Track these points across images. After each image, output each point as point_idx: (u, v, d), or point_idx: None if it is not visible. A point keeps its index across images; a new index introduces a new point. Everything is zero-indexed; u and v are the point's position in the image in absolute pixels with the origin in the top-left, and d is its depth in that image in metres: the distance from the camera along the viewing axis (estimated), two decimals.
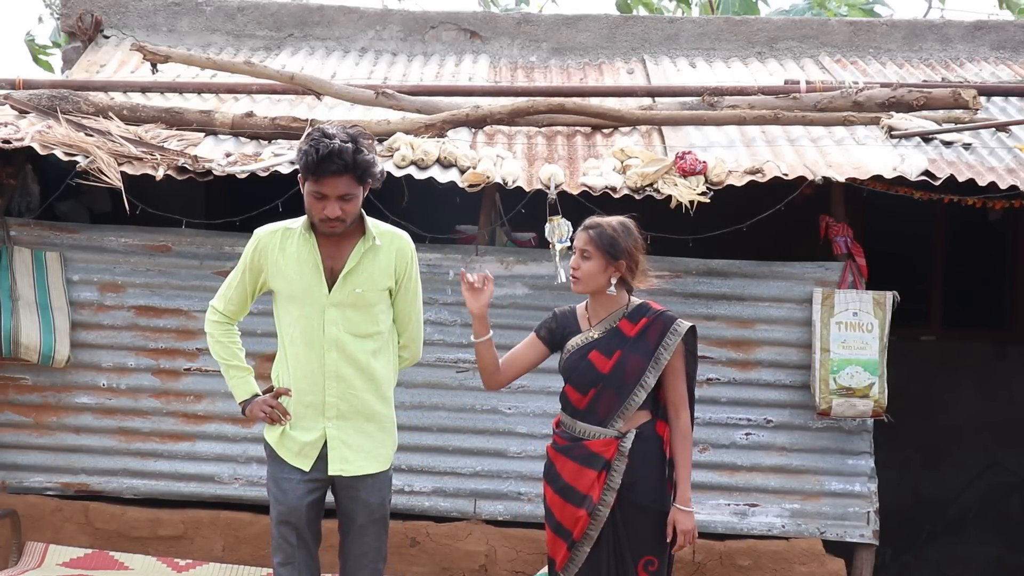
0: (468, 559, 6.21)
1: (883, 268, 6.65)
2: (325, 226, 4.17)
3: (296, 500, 4.28)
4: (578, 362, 4.45)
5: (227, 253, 6.36)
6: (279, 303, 4.35)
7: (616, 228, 4.44)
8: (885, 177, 6.00)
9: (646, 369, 4.38)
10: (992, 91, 7.41)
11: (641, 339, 4.41)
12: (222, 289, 4.46)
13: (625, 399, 4.38)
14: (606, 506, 4.36)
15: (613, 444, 4.37)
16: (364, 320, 4.29)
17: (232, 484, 6.34)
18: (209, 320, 4.46)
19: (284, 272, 4.28)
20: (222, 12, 8.44)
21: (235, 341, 4.45)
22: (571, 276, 4.48)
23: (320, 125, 4.25)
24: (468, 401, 6.32)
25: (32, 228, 6.44)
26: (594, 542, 4.37)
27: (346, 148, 4.05)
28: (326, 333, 4.24)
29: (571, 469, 4.41)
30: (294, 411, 4.29)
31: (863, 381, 6.04)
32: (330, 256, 4.26)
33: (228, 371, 4.43)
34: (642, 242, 4.50)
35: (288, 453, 4.31)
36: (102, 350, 6.40)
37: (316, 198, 4.12)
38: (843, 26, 8.60)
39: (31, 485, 6.36)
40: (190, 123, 6.56)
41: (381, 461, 4.35)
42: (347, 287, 4.25)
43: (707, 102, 6.94)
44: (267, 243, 4.31)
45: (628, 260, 4.43)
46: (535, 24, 8.56)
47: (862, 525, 6.21)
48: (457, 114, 6.63)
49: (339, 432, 4.28)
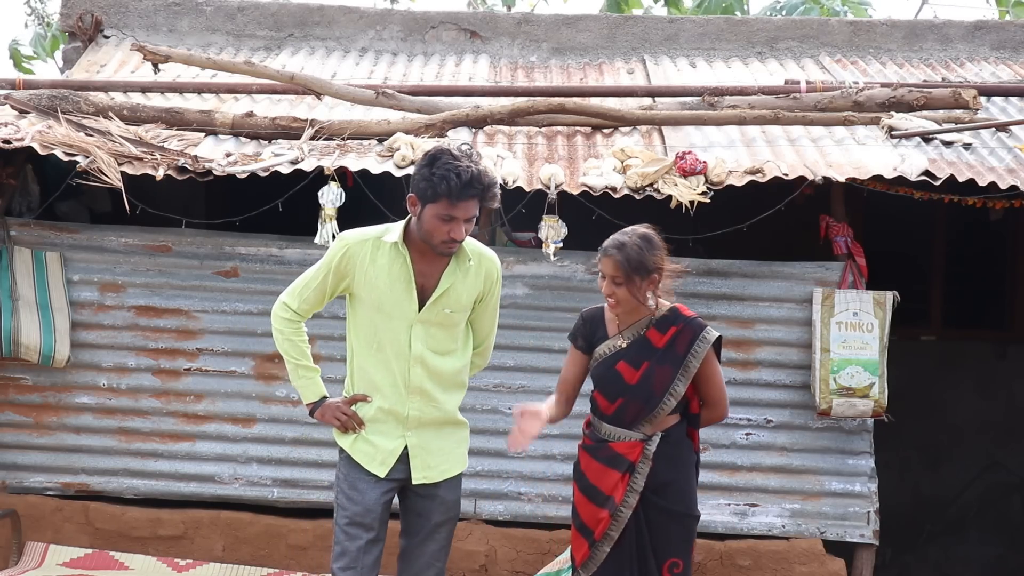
0: (468, 559, 6.21)
1: (883, 268, 6.65)
2: (445, 248, 4.14)
3: (373, 501, 4.25)
4: (606, 372, 4.46)
5: (227, 253, 6.36)
6: (360, 310, 4.29)
7: (641, 245, 4.39)
8: (885, 177, 6.00)
9: (675, 378, 4.40)
10: (992, 91, 7.41)
11: (670, 349, 4.41)
12: (296, 287, 4.37)
13: (653, 408, 4.40)
14: (628, 508, 4.38)
15: (638, 447, 4.39)
16: (447, 338, 4.29)
17: (232, 484, 6.34)
18: (280, 316, 4.36)
19: (374, 283, 4.23)
20: (222, 12, 8.44)
21: (304, 340, 4.38)
22: (607, 301, 4.45)
23: (440, 145, 4.22)
24: (468, 401, 6.21)
25: (32, 228, 6.44)
26: (615, 543, 4.39)
27: (483, 172, 4.08)
28: (412, 349, 4.22)
29: (596, 469, 4.44)
30: (373, 417, 4.27)
31: (863, 381, 6.04)
32: (422, 273, 4.22)
33: (297, 370, 4.36)
34: (664, 247, 4.48)
35: (364, 458, 4.28)
36: (102, 350, 6.40)
37: (444, 220, 4.07)
38: (843, 26, 8.61)
39: (31, 485, 6.35)
40: (190, 123, 6.56)
41: (462, 461, 4.40)
42: (438, 307, 4.23)
43: (707, 102, 6.93)
44: (357, 251, 4.25)
45: (659, 272, 4.42)
46: (535, 24, 8.56)
47: (862, 525, 6.21)
48: (457, 114, 6.63)
49: (419, 440, 4.27)
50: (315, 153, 6.22)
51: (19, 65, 13.93)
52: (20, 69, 13.91)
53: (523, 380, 6.29)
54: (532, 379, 6.25)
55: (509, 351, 6.28)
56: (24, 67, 13.89)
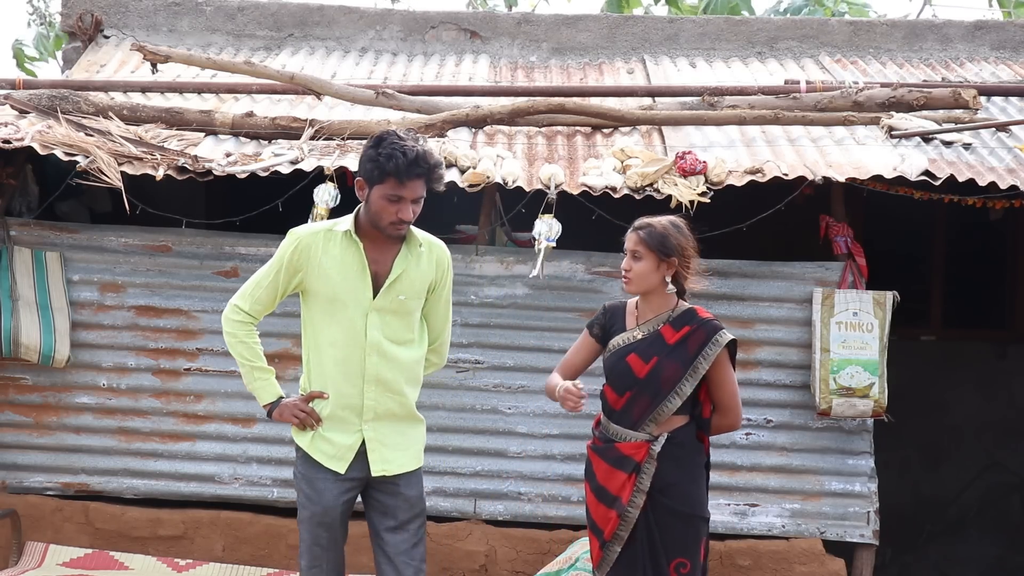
0: (468, 559, 6.21)
1: (883, 268, 6.65)
2: (394, 229, 4.18)
3: (332, 500, 4.27)
4: (616, 363, 4.47)
5: (227, 253, 6.36)
6: (314, 304, 4.31)
7: (667, 226, 4.44)
8: (885, 177, 6.00)
9: (683, 377, 4.39)
10: (992, 91, 7.41)
11: (680, 347, 4.41)
12: (248, 288, 4.38)
13: (659, 405, 4.39)
14: (636, 508, 4.38)
15: (644, 447, 4.39)
16: (402, 327, 4.30)
17: (232, 484, 6.34)
18: (230, 319, 4.39)
19: (328, 274, 4.25)
20: (222, 12, 8.44)
21: (257, 341, 4.40)
22: (623, 277, 4.47)
23: (386, 128, 4.25)
24: (468, 401, 6.32)
25: (32, 228, 6.44)
26: (625, 543, 4.40)
27: (428, 151, 4.13)
28: (368, 337, 4.24)
29: (604, 470, 4.45)
30: (330, 414, 4.28)
31: (863, 381, 6.04)
32: (375, 260, 4.25)
33: (252, 372, 4.38)
34: (695, 241, 4.49)
35: (323, 456, 4.29)
36: (102, 350, 6.40)
37: (392, 201, 4.12)
38: (843, 26, 8.61)
39: (31, 485, 6.36)
40: (190, 123, 6.56)
41: (418, 458, 4.40)
42: (392, 293, 4.25)
43: (707, 102, 6.94)
44: (309, 243, 4.27)
45: (680, 258, 4.43)
46: (535, 24, 8.56)
47: (862, 525, 6.21)
48: (457, 114, 6.63)
49: (376, 433, 4.28)
50: (315, 153, 6.22)
51: (22, 65, 13.92)
52: (23, 69, 13.91)
53: (523, 380, 6.29)
54: (532, 379, 6.24)
55: (509, 351, 6.28)
56: (27, 68, 13.88)
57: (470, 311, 6.22)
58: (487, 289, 6.32)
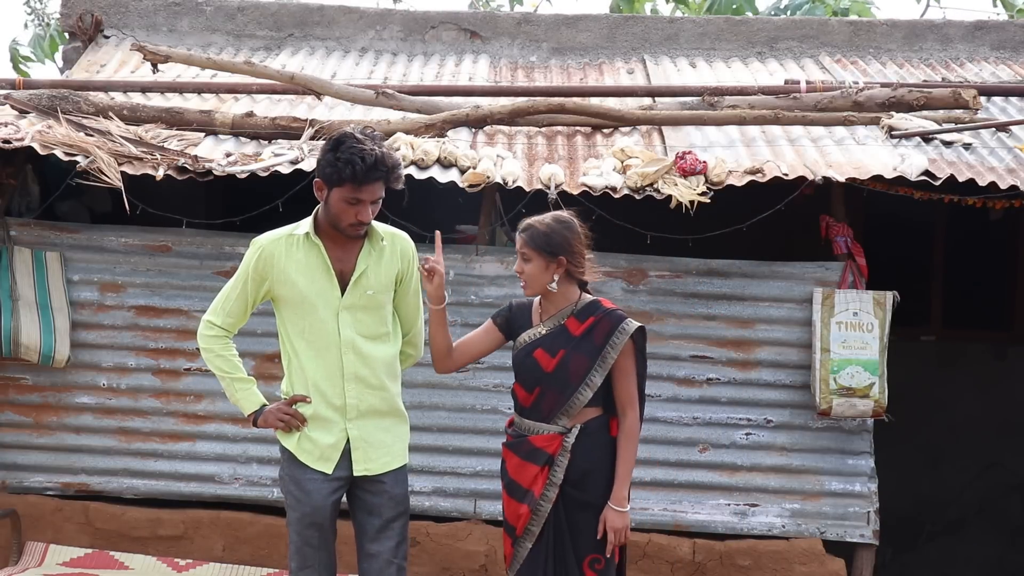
0: (468, 559, 6.21)
1: (883, 268, 6.65)
2: (353, 230, 4.22)
3: (321, 500, 4.29)
4: (524, 359, 4.46)
5: (227, 253, 6.36)
6: (285, 310, 4.34)
7: (550, 224, 4.42)
8: (885, 177, 6.00)
9: (592, 368, 4.36)
10: (992, 91, 7.41)
11: (587, 338, 4.39)
12: (218, 303, 4.42)
13: (569, 398, 4.37)
14: (548, 501, 4.35)
15: (557, 440, 4.37)
16: (374, 321, 4.33)
17: (232, 484, 6.34)
18: (205, 336, 4.40)
19: (292, 279, 4.28)
20: (222, 12, 8.44)
21: (234, 353, 4.42)
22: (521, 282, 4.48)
23: (344, 129, 4.25)
24: (468, 401, 6.32)
25: (32, 228, 6.44)
26: (536, 539, 4.36)
27: (386, 154, 4.15)
28: (342, 336, 4.27)
29: (515, 464, 4.43)
30: (313, 414, 4.30)
31: (863, 381, 6.04)
32: (338, 259, 4.28)
33: (233, 384, 4.39)
34: (583, 234, 4.46)
35: (309, 457, 4.31)
36: (102, 350, 6.40)
37: (351, 203, 4.15)
38: (843, 26, 8.61)
39: (31, 485, 6.36)
40: (190, 123, 6.56)
41: (403, 455, 4.41)
42: (359, 289, 4.28)
43: (707, 102, 6.94)
44: (272, 251, 4.30)
45: (568, 255, 4.40)
46: (535, 24, 8.56)
47: (862, 525, 6.21)
48: (457, 114, 6.63)
49: (360, 432, 4.31)
50: (315, 153, 6.20)
51: (17, 66, 13.89)
52: (17, 71, 13.87)
53: None
54: None
55: (509, 351, 6.26)
56: (21, 69, 13.85)
57: (470, 311, 6.22)
58: (487, 289, 6.32)
